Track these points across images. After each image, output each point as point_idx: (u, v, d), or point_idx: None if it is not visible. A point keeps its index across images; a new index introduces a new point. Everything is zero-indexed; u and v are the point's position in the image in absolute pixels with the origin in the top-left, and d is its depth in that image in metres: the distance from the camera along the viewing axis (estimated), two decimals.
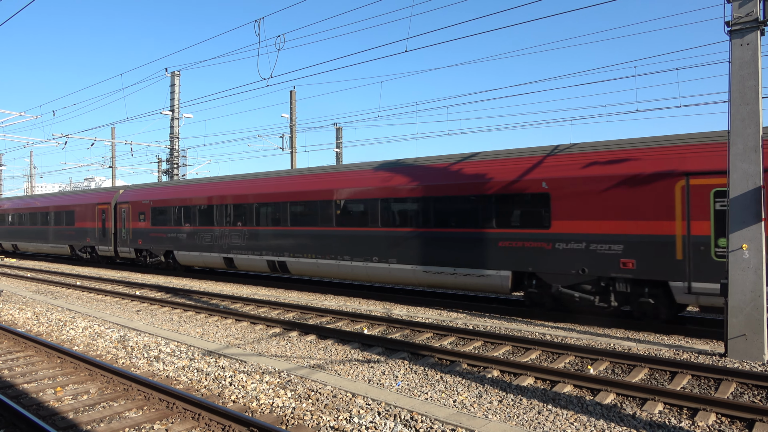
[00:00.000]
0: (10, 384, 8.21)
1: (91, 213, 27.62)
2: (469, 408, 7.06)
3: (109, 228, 26.22)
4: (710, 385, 8.04)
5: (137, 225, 24.69)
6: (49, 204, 31.56)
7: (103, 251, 26.97)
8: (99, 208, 26.94)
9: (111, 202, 26.22)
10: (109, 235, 26.30)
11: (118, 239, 25.85)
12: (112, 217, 26.11)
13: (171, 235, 22.97)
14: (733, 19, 8.98)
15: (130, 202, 25.11)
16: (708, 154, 11.02)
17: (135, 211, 24.88)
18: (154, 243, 23.87)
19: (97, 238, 27.12)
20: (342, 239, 16.77)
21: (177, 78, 32.52)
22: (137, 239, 24.77)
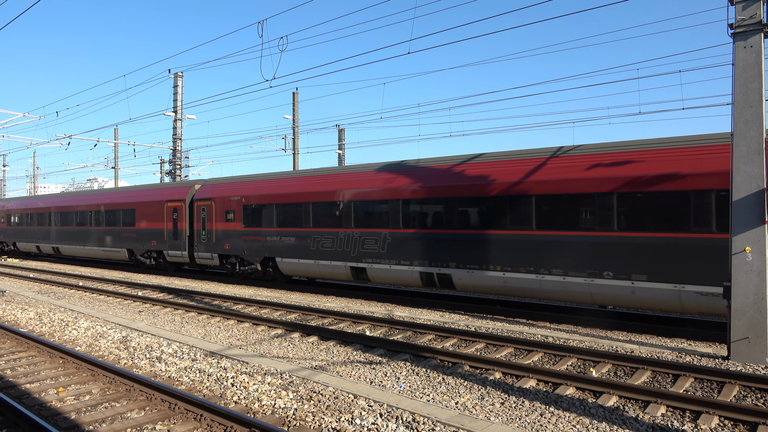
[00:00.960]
0: (12, 384, 8.22)
1: (157, 212, 23.76)
2: (471, 410, 7.04)
3: (182, 230, 22.47)
4: (713, 387, 8.01)
5: (224, 226, 20.72)
6: (100, 201, 27.68)
7: (174, 257, 23.10)
8: (169, 206, 23.13)
9: (185, 199, 22.46)
10: (182, 237, 22.50)
11: (196, 243, 21.93)
12: (185, 217, 22.39)
13: (272, 239, 18.97)
14: (737, 21, 8.96)
15: (214, 198, 21.19)
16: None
17: (220, 210, 20.92)
18: (248, 248, 19.85)
19: (166, 241, 23.28)
20: (571, 247, 12.47)
21: (180, 79, 32.59)
22: (222, 243, 20.80)
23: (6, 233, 36.85)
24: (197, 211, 22.01)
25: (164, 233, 23.50)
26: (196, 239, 22.03)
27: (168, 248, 23.35)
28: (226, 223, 20.73)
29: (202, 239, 21.74)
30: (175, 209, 23.00)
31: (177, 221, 22.83)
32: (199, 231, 21.91)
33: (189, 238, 22.40)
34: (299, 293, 18.16)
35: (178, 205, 22.91)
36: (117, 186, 38.07)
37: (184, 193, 22.84)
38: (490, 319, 13.11)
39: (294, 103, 33.28)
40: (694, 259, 11.03)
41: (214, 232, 21.22)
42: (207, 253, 21.59)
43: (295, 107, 33.28)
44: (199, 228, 21.86)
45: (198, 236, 21.93)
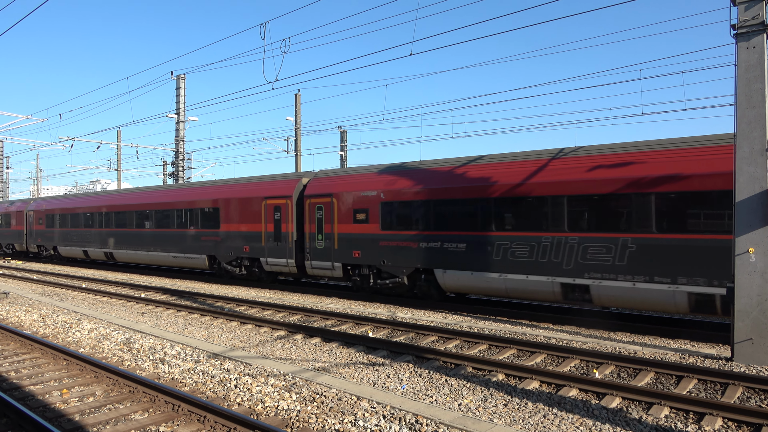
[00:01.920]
0: (16, 386, 8.25)
1: (252, 211, 19.83)
2: (474, 411, 7.04)
3: (288, 233, 18.51)
4: (717, 389, 8.00)
5: (351, 228, 16.79)
6: (171, 199, 23.69)
7: (276, 265, 19.15)
8: (269, 204, 19.21)
9: (291, 195, 18.59)
10: (287, 242, 18.51)
11: (308, 249, 17.94)
12: (292, 217, 18.54)
13: (429, 245, 14.98)
14: (739, 22, 8.96)
15: (336, 194, 17.28)
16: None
17: (345, 208, 17.04)
18: (389, 257, 15.82)
19: (264, 246, 19.35)
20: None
21: (183, 81, 32.66)
22: (348, 250, 16.87)
23: (45, 236, 32.59)
24: (310, 210, 17.97)
25: (262, 237, 19.44)
26: (309, 245, 17.93)
27: (267, 255, 19.27)
28: (355, 225, 16.68)
29: (318, 245, 17.63)
30: (277, 208, 18.95)
31: (280, 222, 18.81)
32: (312, 234, 17.88)
33: (297, 243, 18.38)
34: (302, 295, 18.17)
35: (281, 202, 18.87)
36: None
37: (290, 188, 18.83)
38: (492, 321, 13.10)
39: (296, 105, 33.34)
40: None
41: (336, 236, 17.11)
42: (325, 261, 17.41)
43: (298, 109, 33.32)
44: (313, 231, 17.86)
45: (311, 241, 17.86)
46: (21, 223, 35.29)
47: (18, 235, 35.79)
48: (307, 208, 18.18)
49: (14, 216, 36.03)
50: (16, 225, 35.89)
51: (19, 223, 35.46)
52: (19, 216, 35.42)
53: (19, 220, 35.46)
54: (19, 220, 35.46)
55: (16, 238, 35.99)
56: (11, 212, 36.35)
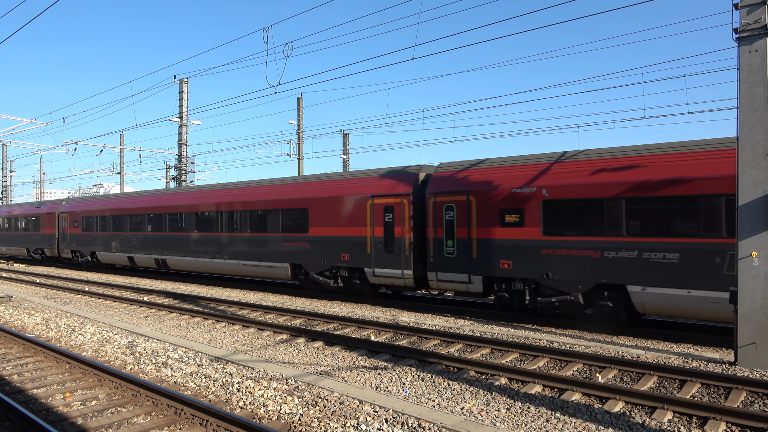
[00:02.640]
0: (20, 389, 8.26)
1: (353, 212, 16.82)
2: (476, 415, 7.03)
3: (403, 238, 15.55)
4: (720, 393, 7.97)
5: (496, 233, 13.70)
6: (242, 198, 20.44)
7: (385, 277, 16.01)
8: (377, 204, 16.22)
9: (409, 192, 15.49)
10: (402, 249, 15.62)
11: (433, 257, 14.93)
12: (407, 219, 15.44)
13: (615, 255, 11.92)
14: (742, 26, 8.96)
15: (474, 191, 14.16)
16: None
17: (488, 208, 13.87)
18: (559, 268, 12.71)
19: (370, 254, 16.32)
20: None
21: (186, 85, 32.76)
22: (494, 259, 13.77)
23: (81, 241, 29.36)
24: (435, 210, 14.87)
25: (367, 243, 16.32)
26: (433, 252, 14.89)
27: (374, 264, 16.17)
28: (504, 229, 13.60)
29: (447, 253, 14.62)
30: (388, 208, 15.94)
31: (392, 226, 15.74)
32: (438, 240, 14.84)
33: (415, 251, 15.48)
34: (304, 299, 18.17)
35: (393, 202, 15.81)
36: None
37: (406, 185, 15.78)
38: (495, 325, 13.09)
39: (299, 109, 33.41)
40: None
41: (475, 242, 14.07)
42: (457, 273, 14.44)
43: (300, 113, 33.40)
44: (439, 236, 14.83)
45: (437, 248, 14.83)
46: (52, 225, 32.11)
47: (48, 240, 32.56)
48: (431, 208, 15.01)
49: (44, 218, 32.80)
50: (46, 228, 32.77)
51: (50, 226, 32.32)
52: (50, 218, 32.20)
53: (50, 222, 32.25)
54: (50, 222, 32.25)
55: (46, 243, 32.79)
56: (40, 214, 33.21)
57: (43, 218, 32.93)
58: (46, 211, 32.81)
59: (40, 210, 33.53)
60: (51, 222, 32.22)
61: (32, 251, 34.92)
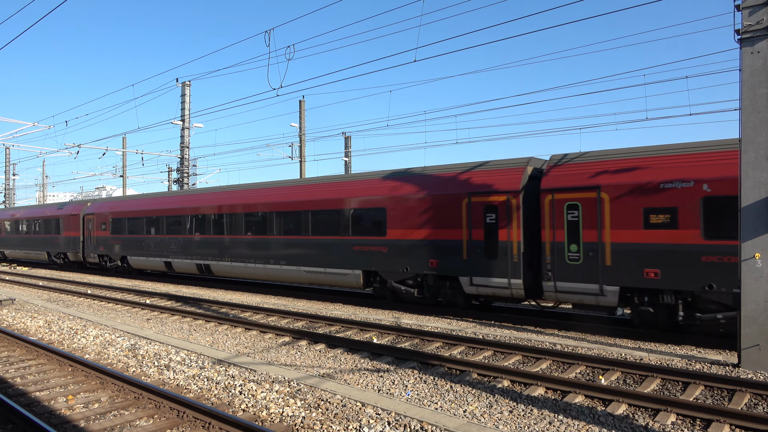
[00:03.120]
0: (22, 392, 8.27)
1: (444, 211, 14.71)
2: (479, 418, 7.02)
3: (510, 242, 13.48)
4: (723, 396, 7.95)
5: (640, 236, 11.68)
6: (303, 198, 18.25)
7: (487, 286, 13.88)
8: (476, 203, 14.05)
9: (518, 189, 13.41)
10: (507, 255, 13.51)
11: (552, 265, 12.78)
12: (517, 220, 13.40)
13: None
14: (744, 27, 8.96)
15: (607, 186, 12.11)
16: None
17: (628, 207, 11.85)
18: (725, 280, 10.70)
19: (468, 260, 14.16)
20: None
21: (188, 88, 32.83)
22: (638, 267, 11.68)
23: (110, 245, 27.21)
24: (554, 209, 12.76)
25: (462, 247, 14.23)
26: (551, 258, 12.79)
27: (471, 272, 14.08)
28: (648, 232, 11.54)
29: (570, 259, 12.47)
30: (490, 207, 13.78)
31: (495, 227, 13.67)
32: (557, 245, 12.72)
33: (524, 257, 13.39)
34: (306, 301, 18.17)
35: (497, 200, 13.67)
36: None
37: (513, 180, 13.59)
38: (497, 327, 13.07)
39: (301, 111, 33.46)
40: None
41: (609, 246, 11.98)
42: (584, 283, 12.35)
43: (302, 115, 33.45)
44: (558, 239, 12.70)
45: (555, 254, 12.75)
46: (76, 228, 29.81)
47: (72, 243, 30.16)
48: (548, 207, 12.88)
49: (67, 220, 30.48)
50: (70, 231, 30.45)
51: (74, 229, 30.02)
52: (74, 220, 29.95)
53: (74, 225, 29.98)
54: (74, 225, 29.98)
55: (69, 247, 30.39)
56: (63, 216, 30.95)
57: (67, 220, 30.67)
58: (69, 212, 30.59)
59: (63, 212, 31.31)
60: (75, 224, 29.91)
61: (54, 256, 32.61)
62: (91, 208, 29.12)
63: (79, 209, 30.02)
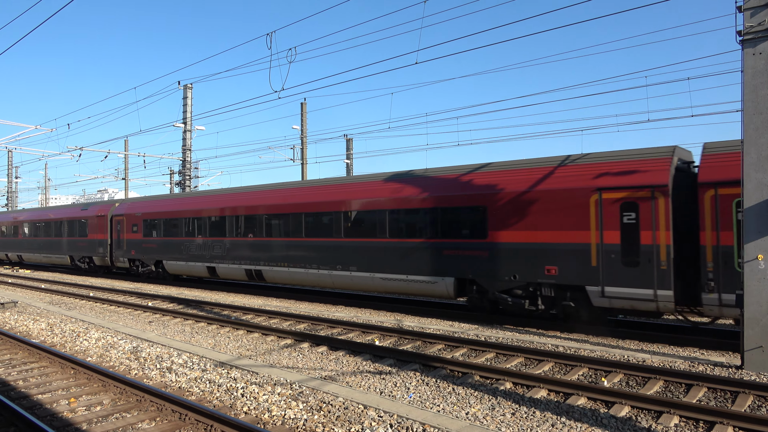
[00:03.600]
0: (25, 395, 8.27)
1: (565, 209, 12.76)
2: (481, 420, 7.00)
3: (656, 245, 11.54)
4: (727, 397, 7.92)
5: None
6: (377, 196, 16.23)
7: (626, 298, 11.92)
8: (608, 200, 12.15)
9: (665, 183, 11.54)
10: (653, 260, 11.58)
11: (717, 273, 10.92)
12: (664, 219, 11.51)
13: None
14: (745, 28, 8.95)
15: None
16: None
17: None
18: None
19: (600, 267, 12.21)
20: None
21: (190, 91, 32.88)
22: None
23: (142, 248, 25.12)
24: (716, 207, 10.88)
25: (590, 252, 12.21)
26: (717, 266, 10.84)
27: (603, 282, 11.99)
28: None
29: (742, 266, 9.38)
30: (628, 205, 11.81)
31: (635, 228, 11.71)
32: (725, 249, 10.80)
33: (674, 263, 11.45)
34: (308, 303, 18.16)
35: (638, 196, 11.75)
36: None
37: (658, 172, 11.73)
38: (500, 329, 13.04)
39: (302, 114, 33.50)
40: None
41: None
42: None
43: (304, 117, 33.48)
44: (726, 243, 10.80)
45: (723, 260, 10.82)
46: (103, 230, 27.62)
47: (98, 247, 27.90)
48: (708, 204, 10.99)
49: (93, 222, 28.27)
50: (95, 233, 28.20)
51: (100, 231, 27.78)
52: (101, 222, 27.70)
53: (101, 227, 27.70)
54: (101, 227, 27.70)
55: (95, 250, 28.19)
56: (89, 217, 28.71)
57: (92, 222, 28.33)
58: (95, 213, 28.31)
59: (88, 212, 29.05)
60: (102, 226, 27.64)
61: (77, 260, 30.24)
62: (120, 208, 26.93)
63: (106, 210, 27.80)
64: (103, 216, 27.72)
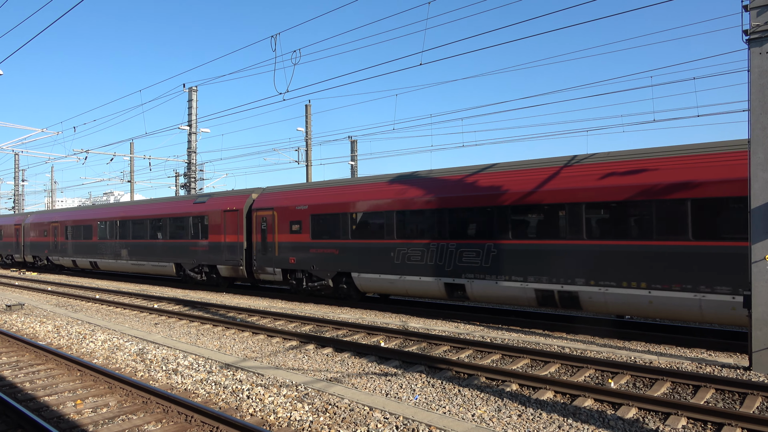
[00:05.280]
0: (31, 396, 8.30)
1: None
2: (488, 422, 6.98)
3: None
4: (735, 399, 7.87)
5: None
6: (576, 183, 12.47)
7: None
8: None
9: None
10: None
11: None
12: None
13: None
14: (752, 27, 8.90)
15: None
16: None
17: None
18: None
19: None
20: None
21: (195, 93, 32.99)
22: None
23: (309, 255, 18.11)
24: None
25: None
26: None
27: None
28: None
29: None
30: None
31: None
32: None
33: None
34: (313, 305, 18.16)
35: None
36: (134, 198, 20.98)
37: None
38: (505, 330, 13.01)
39: (307, 116, 33.54)
40: None
41: None
42: None
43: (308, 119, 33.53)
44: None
45: None
46: (234, 230, 21.07)
47: (226, 251, 21.27)
48: None
49: (217, 218, 21.64)
50: (218, 234, 21.70)
51: (230, 231, 21.16)
52: (231, 219, 21.11)
53: (230, 225, 21.12)
54: (230, 225, 21.12)
55: (221, 256, 21.50)
56: (208, 213, 22.14)
57: (215, 218, 21.61)
58: (220, 207, 21.49)
59: (208, 207, 22.17)
60: (233, 224, 20.93)
61: (190, 269, 23.29)
62: (264, 199, 19.96)
63: (239, 203, 20.78)
64: (234, 211, 20.84)
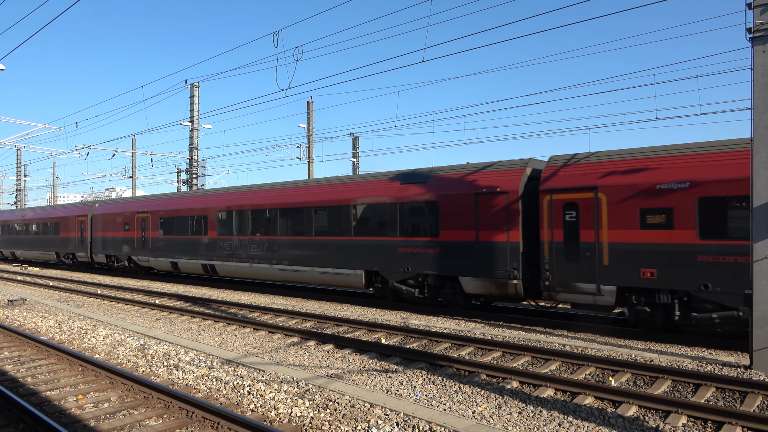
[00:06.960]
0: (33, 391, 8.33)
1: None
2: (488, 419, 6.99)
3: None
4: (735, 397, 7.87)
5: None
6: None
7: None
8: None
9: None
10: None
11: None
12: None
13: None
14: (756, 25, 8.87)
15: None
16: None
17: None
18: None
19: None
20: None
21: (197, 89, 32.98)
22: None
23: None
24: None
25: None
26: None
27: None
28: None
29: None
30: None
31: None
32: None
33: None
34: (314, 301, 18.18)
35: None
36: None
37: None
38: (506, 328, 13.02)
39: (309, 112, 33.53)
40: None
41: None
42: None
43: (310, 116, 33.52)
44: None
45: None
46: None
47: (506, 257, 13.65)
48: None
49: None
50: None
51: (464, 224, 14.34)
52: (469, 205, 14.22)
53: (466, 213, 14.25)
54: (466, 213, 14.25)
55: (479, 262, 14.05)
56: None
57: (454, 205, 14.51)
58: (467, 190, 14.36)
59: (438, 189, 14.99)
60: (495, 213, 13.76)
61: (399, 280, 15.58)
62: (567, 174, 12.91)
63: (508, 179, 13.79)
64: (501, 194, 13.63)
